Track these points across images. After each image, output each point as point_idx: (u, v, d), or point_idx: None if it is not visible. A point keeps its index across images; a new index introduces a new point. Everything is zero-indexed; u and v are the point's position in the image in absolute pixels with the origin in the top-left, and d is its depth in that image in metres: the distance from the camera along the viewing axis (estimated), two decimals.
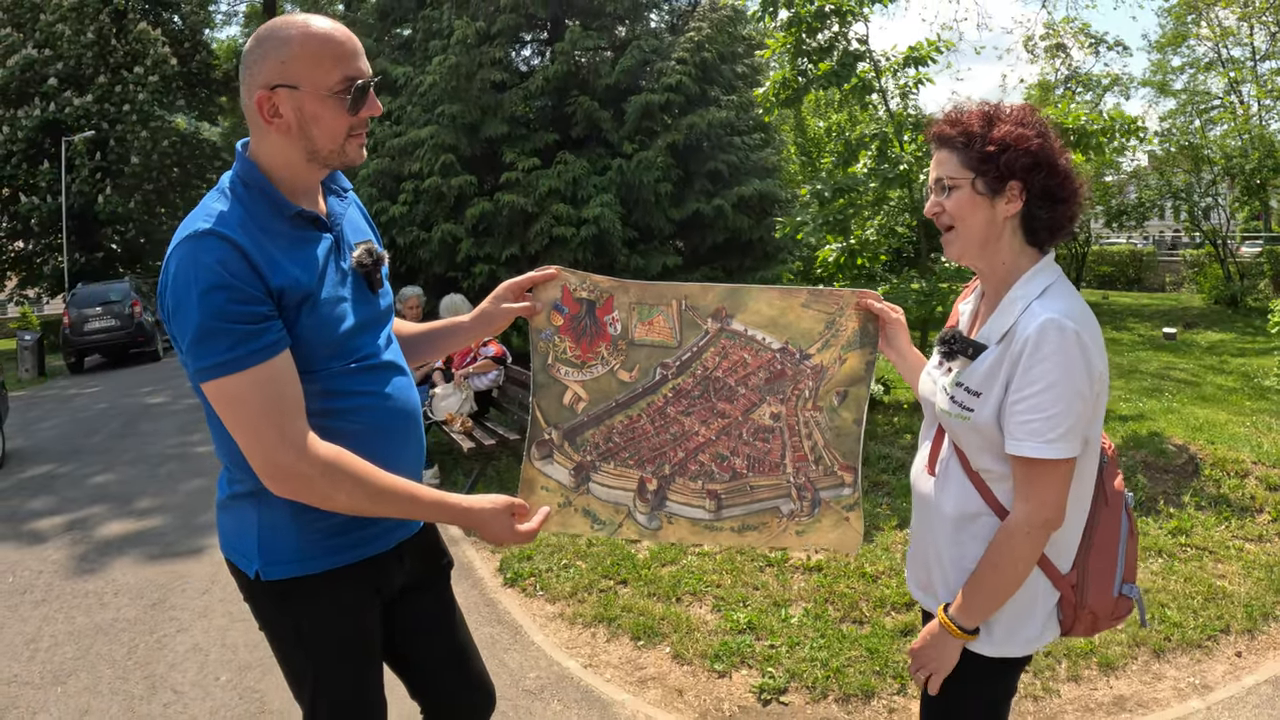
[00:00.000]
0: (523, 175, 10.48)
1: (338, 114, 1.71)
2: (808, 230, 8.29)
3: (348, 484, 1.68)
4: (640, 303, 2.19)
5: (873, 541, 5.05)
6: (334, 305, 1.77)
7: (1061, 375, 1.62)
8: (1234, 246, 25.42)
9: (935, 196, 1.81)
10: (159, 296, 1.73)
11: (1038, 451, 1.63)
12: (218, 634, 4.60)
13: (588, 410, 2.17)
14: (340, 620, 1.87)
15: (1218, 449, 5.93)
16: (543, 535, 5.52)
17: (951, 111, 1.82)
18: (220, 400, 1.64)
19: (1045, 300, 1.70)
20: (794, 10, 7.77)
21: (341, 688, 1.90)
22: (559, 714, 3.58)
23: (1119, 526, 1.81)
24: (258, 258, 1.64)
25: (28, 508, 7.50)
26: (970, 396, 1.75)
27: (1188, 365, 11.22)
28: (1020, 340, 1.66)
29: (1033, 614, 1.78)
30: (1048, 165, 1.72)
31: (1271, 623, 3.97)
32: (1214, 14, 29.84)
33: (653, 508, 2.16)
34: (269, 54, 1.68)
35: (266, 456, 1.64)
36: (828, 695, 3.57)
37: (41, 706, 3.94)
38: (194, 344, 1.61)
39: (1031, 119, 1.76)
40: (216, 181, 5.87)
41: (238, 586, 1.92)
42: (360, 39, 7.69)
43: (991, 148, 1.71)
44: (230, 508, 1.86)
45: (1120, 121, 6.88)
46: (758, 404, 2.17)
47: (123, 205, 25.84)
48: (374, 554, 1.89)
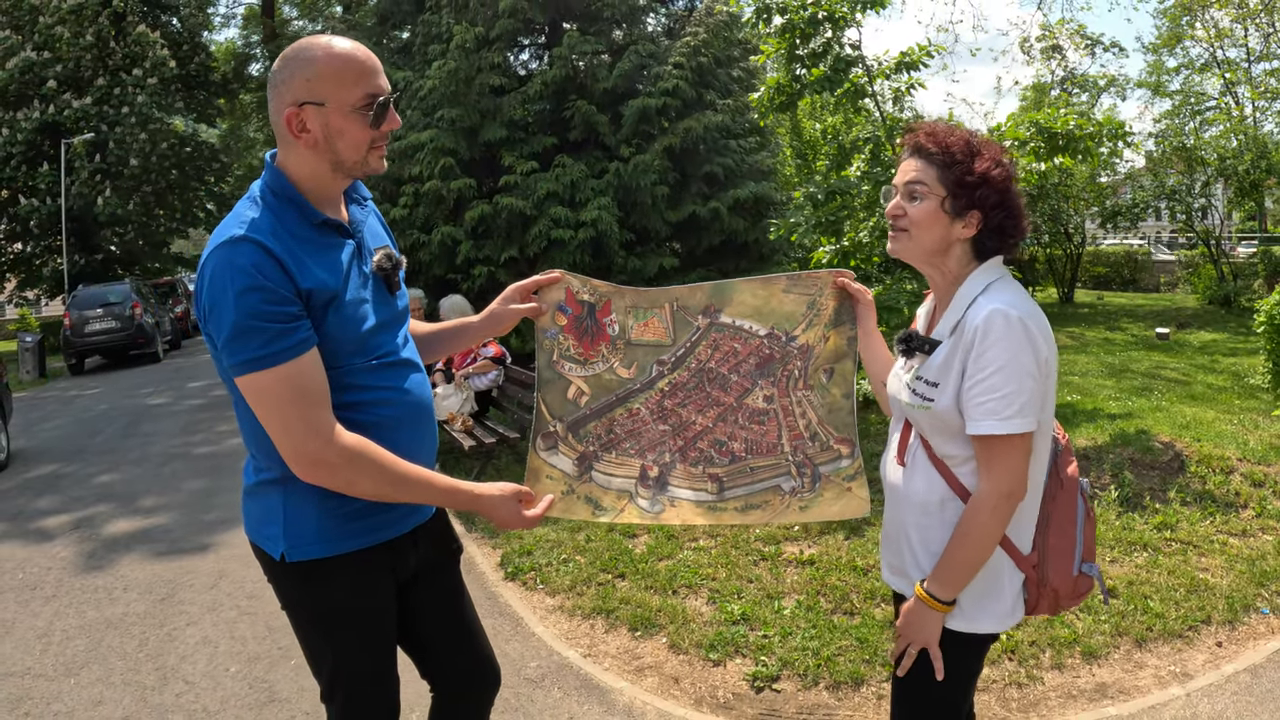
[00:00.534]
0: (521, 178, 10.59)
1: (361, 128, 1.84)
2: (801, 232, 8.41)
3: (371, 471, 1.81)
4: (636, 306, 2.33)
5: (864, 536, 5.17)
6: (357, 306, 1.90)
7: (1010, 358, 1.77)
8: (1229, 247, 25.58)
9: (900, 199, 1.95)
10: (195, 298, 1.85)
11: (996, 429, 1.77)
12: (226, 627, 4.71)
13: (590, 404, 2.30)
14: (359, 600, 1.98)
15: (1204, 446, 6.05)
16: (542, 531, 5.66)
17: (934, 127, 1.96)
18: (253, 393, 1.76)
19: (990, 294, 1.86)
20: (787, 17, 7.89)
21: (358, 665, 2.02)
22: (559, 701, 3.70)
23: (1075, 509, 1.94)
24: (288, 262, 1.76)
25: (34, 506, 7.62)
26: (929, 388, 1.89)
27: (1179, 364, 11.34)
28: (970, 330, 1.81)
29: (1000, 593, 1.91)
30: (1009, 207, 1.89)
31: (1252, 614, 4.08)
32: (1209, 15, 29.98)
33: (655, 493, 2.28)
34: (296, 73, 1.81)
35: (295, 445, 1.76)
36: (819, 683, 3.69)
37: (55, 697, 4.05)
38: (229, 341, 1.73)
39: (1005, 159, 1.92)
40: (214, 183, 5.99)
41: (262, 569, 2.04)
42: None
43: (971, 177, 1.87)
44: (257, 494, 1.97)
45: (1109, 126, 6.99)
46: (750, 389, 2.29)
47: (122, 207, 25.87)
48: (391, 538, 2.01)
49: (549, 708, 3.65)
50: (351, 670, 2.02)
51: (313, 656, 2.06)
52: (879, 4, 7.65)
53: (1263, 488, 5.44)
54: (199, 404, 13.20)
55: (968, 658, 1.97)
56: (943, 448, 1.93)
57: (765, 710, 3.54)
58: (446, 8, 11.43)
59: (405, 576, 2.10)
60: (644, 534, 5.55)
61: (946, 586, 1.86)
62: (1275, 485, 5.44)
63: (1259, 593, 4.26)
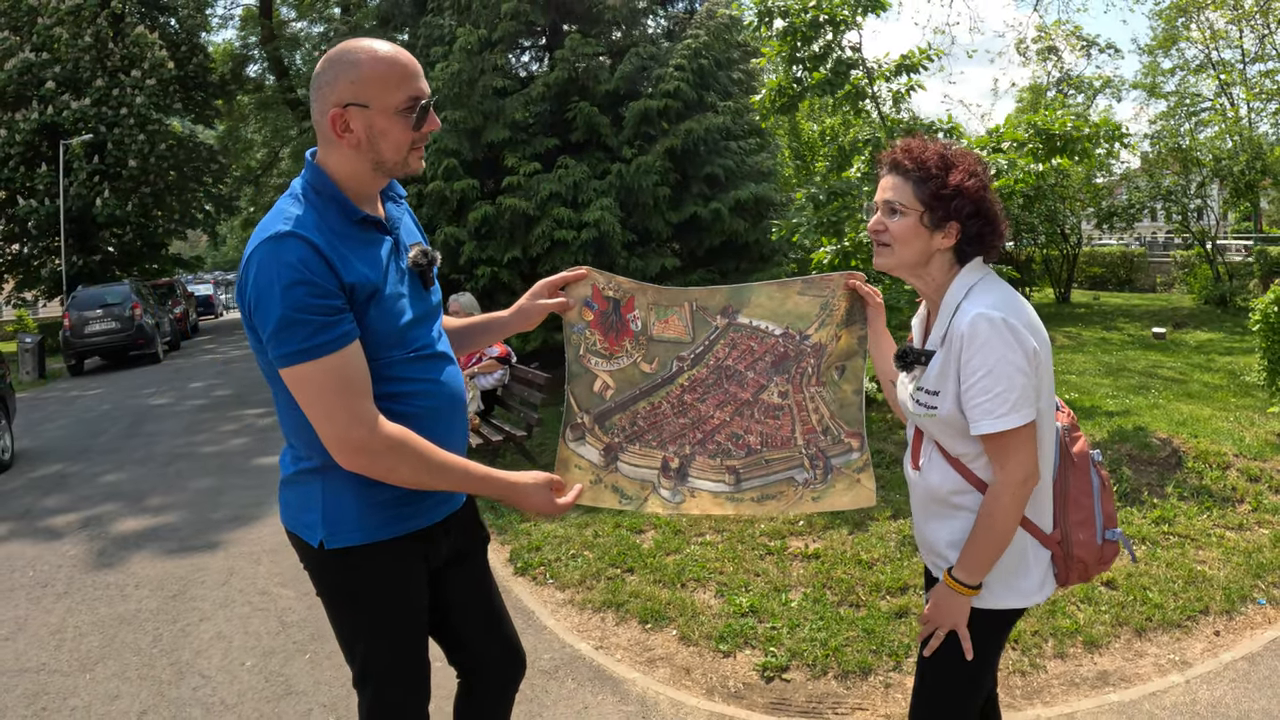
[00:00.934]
0: (524, 179, 10.64)
1: (403, 130, 1.91)
2: (803, 232, 8.49)
3: (411, 459, 1.88)
4: (656, 304, 2.42)
5: (867, 531, 5.25)
6: (396, 300, 1.97)
7: (997, 359, 1.86)
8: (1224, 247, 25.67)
9: (881, 216, 2.05)
10: (238, 292, 1.91)
11: (995, 426, 1.87)
12: (240, 622, 4.77)
13: (615, 397, 2.39)
14: (394, 586, 2.05)
15: (1200, 442, 6.13)
16: (550, 527, 5.74)
17: (908, 144, 2.06)
18: (298, 384, 1.83)
19: (972, 298, 1.96)
20: (789, 20, 7.97)
21: (392, 650, 2.08)
22: (573, 692, 3.77)
23: (1089, 482, 2.05)
24: (332, 257, 1.83)
25: (41, 505, 7.67)
26: (930, 396, 2.00)
27: (1175, 363, 11.42)
28: (957, 338, 1.92)
29: (1027, 571, 2.01)
30: (985, 215, 1.99)
31: (1249, 605, 4.17)
32: (1205, 17, 30.10)
33: (676, 483, 2.37)
34: (340, 75, 1.88)
35: (339, 434, 1.83)
36: (827, 672, 3.77)
37: (72, 692, 4.09)
38: (275, 333, 1.80)
39: (979, 169, 2.01)
40: (212, 184, 6.10)
41: (298, 556, 2.11)
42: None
43: (946, 191, 1.96)
44: (296, 483, 2.04)
45: (1105, 127, 7.08)
46: (766, 385, 2.38)
47: (120, 208, 25.90)
48: (425, 526, 2.08)
49: (564, 698, 3.73)
50: (385, 655, 2.08)
51: (346, 643, 2.12)
52: (879, 6, 7.73)
53: (1259, 483, 5.53)
54: (201, 404, 13.24)
55: (994, 635, 2.07)
56: (955, 447, 2.02)
57: (776, 699, 3.62)
58: (449, 10, 11.48)
59: (437, 564, 2.17)
60: (650, 529, 5.63)
61: (972, 572, 1.96)
62: (1271, 480, 5.53)
63: (1255, 584, 4.35)
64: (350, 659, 2.13)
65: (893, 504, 5.61)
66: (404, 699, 2.12)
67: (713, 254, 11.89)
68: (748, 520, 5.55)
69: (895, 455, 6.61)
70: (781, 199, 12.50)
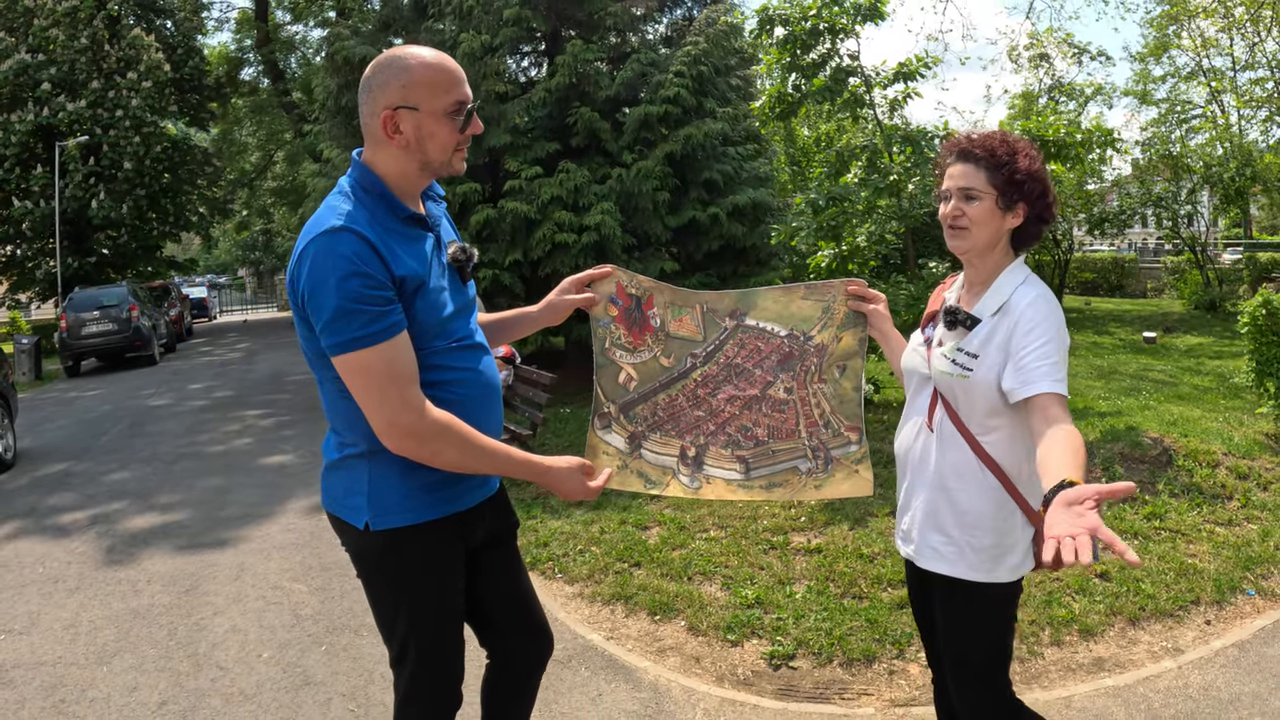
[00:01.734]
0: (525, 183, 10.74)
1: (450, 131, 2.03)
2: (802, 236, 8.63)
3: (456, 442, 2.00)
4: (672, 303, 2.59)
5: (867, 527, 5.38)
6: (439, 293, 2.09)
7: (1056, 333, 2.05)
8: (1215, 253, 25.91)
9: (957, 202, 2.18)
10: (290, 285, 2.01)
11: (1056, 388, 2.00)
12: (254, 616, 4.85)
13: (638, 389, 2.54)
14: (434, 566, 2.16)
15: (1190, 441, 6.28)
16: (556, 524, 5.86)
17: (973, 134, 2.22)
18: (351, 371, 1.93)
19: (1029, 285, 2.15)
20: (789, 28, 8.11)
21: (430, 629, 2.18)
22: (587, 680, 3.89)
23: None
24: (384, 251, 1.94)
25: (47, 504, 7.72)
26: (970, 359, 2.13)
27: (1166, 367, 11.58)
28: (1018, 310, 2.09)
29: (1015, 547, 2.15)
30: (1049, 195, 2.17)
31: (1239, 595, 4.33)
32: (1195, 25, 30.37)
33: (693, 470, 2.53)
34: (391, 80, 1.99)
35: (390, 418, 1.94)
36: (833, 660, 3.90)
37: (90, 684, 4.16)
38: (331, 322, 1.90)
39: (1035, 151, 2.18)
40: (206, 187, 6.30)
41: (340, 540, 2.22)
42: (360, 49, 8.06)
43: (1020, 175, 2.12)
44: (341, 468, 2.14)
45: (1098, 134, 7.23)
46: (772, 382, 2.54)
47: (115, 210, 25.90)
48: (465, 509, 2.19)
49: (578, 686, 3.84)
50: (424, 635, 2.17)
51: (386, 622, 2.22)
52: (878, 15, 7.87)
53: (1247, 480, 5.68)
54: (202, 405, 13.30)
55: (1008, 603, 2.21)
56: (971, 417, 2.15)
57: (784, 686, 3.74)
58: (450, 16, 11.59)
59: (474, 545, 2.28)
60: (655, 525, 5.75)
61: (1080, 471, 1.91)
62: (1259, 478, 5.68)
63: (1245, 576, 4.50)
64: (388, 638, 2.22)
65: (891, 501, 5.71)
66: (441, 676, 2.22)
67: (711, 258, 12.01)
68: (751, 515, 5.67)
69: (893, 454, 6.72)
70: (778, 204, 12.63)
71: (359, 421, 2.02)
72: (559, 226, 10.50)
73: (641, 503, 6.13)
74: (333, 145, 12.66)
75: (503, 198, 10.78)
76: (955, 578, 2.19)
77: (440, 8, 11.73)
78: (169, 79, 27.58)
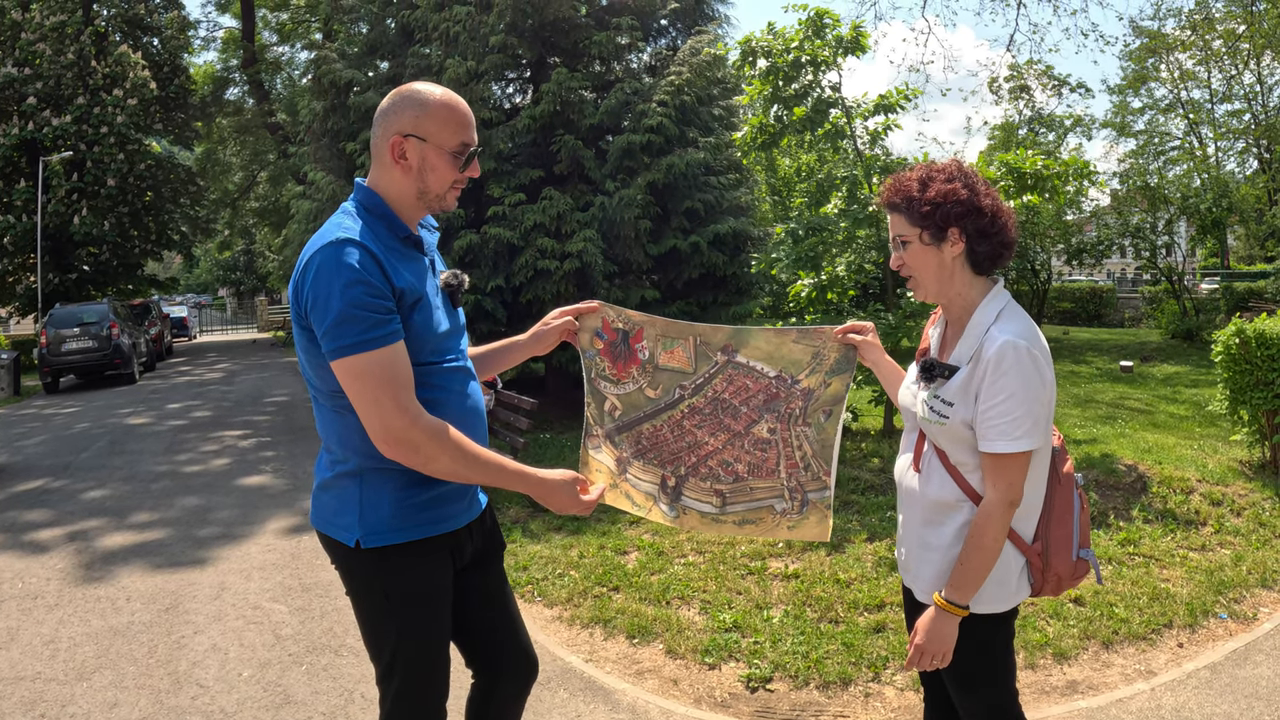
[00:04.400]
0: (508, 209, 10.79)
1: (450, 168, 2.15)
2: (782, 266, 8.72)
3: (450, 449, 2.04)
4: (665, 335, 2.65)
5: (844, 553, 5.43)
6: (434, 310, 2.17)
7: (1020, 385, 2.02)
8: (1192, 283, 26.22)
9: (896, 252, 2.23)
10: (293, 295, 2.09)
11: (1006, 448, 2.02)
12: (234, 635, 4.85)
13: (622, 417, 2.62)
14: (424, 584, 2.19)
15: (1165, 468, 6.38)
16: (535, 548, 5.88)
17: (894, 179, 2.25)
18: (350, 375, 1.99)
19: (1001, 324, 2.11)
20: (772, 60, 8.23)
21: (418, 646, 2.20)
22: (566, 702, 3.91)
23: (1072, 502, 2.22)
24: (385, 263, 2.02)
25: (25, 520, 7.67)
26: (945, 406, 2.15)
27: (1142, 395, 11.71)
28: (985, 361, 2.06)
29: (1007, 578, 2.17)
30: (976, 210, 2.14)
31: (1211, 619, 4.40)
32: (1174, 58, 30.89)
33: (672, 500, 2.58)
34: (407, 109, 2.11)
35: (384, 422, 1.99)
36: (809, 683, 3.94)
37: (69, 700, 4.14)
38: (333, 327, 1.97)
39: (959, 173, 2.18)
40: (189, 206, 6.56)
41: (330, 558, 2.25)
42: (346, 72, 8.17)
43: (928, 207, 2.14)
44: (333, 486, 2.18)
45: (1074, 166, 7.36)
46: (757, 420, 2.59)
47: (97, 226, 25.81)
48: (453, 529, 2.23)
49: (557, 707, 3.86)
50: (410, 651, 2.20)
51: (374, 640, 2.24)
52: (859, 49, 8.01)
53: (1221, 506, 5.78)
54: (181, 424, 13.24)
55: (1002, 629, 2.23)
56: (955, 455, 2.18)
57: (761, 708, 3.78)
58: (436, 41, 11.67)
59: (462, 565, 2.31)
60: (634, 550, 5.79)
61: (964, 591, 2.10)
62: (1233, 504, 5.78)
63: (1217, 600, 4.58)
64: (376, 656, 2.24)
65: (868, 527, 5.80)
66: (427, 695, 2.25)
67: (691, 286, 12.09)
68: (729, 542, 5.71)
69: (870, 482, 6.81)
70: (759, 233, 12.74)
71: (352, 438, 2.08)
72: (541, 253, 10.56)
73: (620, 528, 6.17)
74: (317, 167, 12.69)
75: (486, 223, 10.83)
76: None
77: (427, 33, 11.81)
78: (154, 97, 27.57)
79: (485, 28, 11.21)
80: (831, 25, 8.29)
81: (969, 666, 2.23)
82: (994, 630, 2.21)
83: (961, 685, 2.27)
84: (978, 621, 2.17)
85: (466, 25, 11.24)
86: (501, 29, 11.15)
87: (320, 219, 11.82)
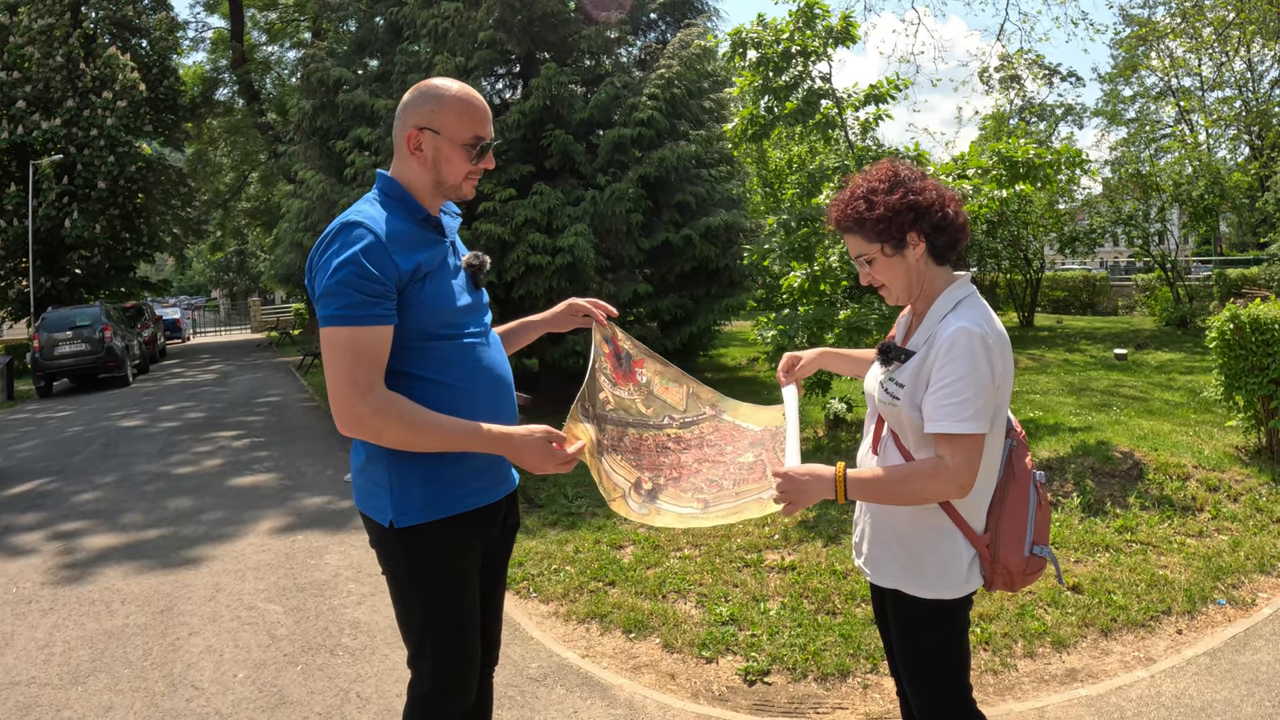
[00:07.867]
0: (499, 205, 10.76)
1: (463, 160, 2.24)
2: (774, 257, 8.69)
3: (396, 419, 2.04)
4: (662, 373, 2.77)
5: (841, 544, 5.42)
6: (449, 284, 2.23)
7: (969, 369, 2.03)
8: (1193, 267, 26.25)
9: (863, 270, 2.26)
10: (308, 264, 2.18)
11: (951, 428, 2.02)
12: (229, 636, 4.82)
13: (612, 413, 2.61)
14: (453, 560, 2.24)
15: (1161, 455, 6.37)
16: (530, 543, 5.85)
17: (836, 204, 2.27)
18: (325, 344, 2.07)
19: (958, 312, 2.14)
20: (762, 51, 8.20)
21: (447, 620, 2.25)
22: (563, 698, 3.89)
23: (1028, 497, 2.21)
24: (391, 247, 2.09)
25: (19, 523, 7.63)
26: (898, 388, 2.18)
27: (1136, 383, 11.71)
28: (938, 345, 2.09)
29: (958, 565, 2.17)
30: (924, 209, 2.16)
31: (1209, 605, 4.40)
32: (1164, 45, 30.90)
33: (644, 500, 2.54)
34: (424, 104, 2.21)
35: (336, 396, 2.05)
36: (807, 675, 3.93)
37: (64, 704, 4.12)
38: (321, 296, 2.07)
39: (897, 178, 2.19)
40: (180, 207, 6.69)
41: (368, 536, 2.31)
42: (335, 70, 8.21)
43: (882, 224, 2.16)
44: (366, 470, 2.25)
45: (1067, 155, 7.34)
46: (743, 453, 2.66)
47: (89, 230, 25.70)
48: (484, 504, 2.29)
49: (554, 703, 3.84)
50: (440, 626, 2.25)
51: (405, 616, 2.29)
52: (850, 39, 7.98)
53: (1217, 492, 5.77)
54: (174, 426, 13.19)
55: (956, 619, 2.23)
56: (907, 440, 2.20)
57: (759, 701, 3.76)
58: (425, 38, 11.63)
59: (490, 543, 2.38)
60: (630, 544, 5.77)
61: (859, 490, 2.06)
62: (1229, 490, 5.77)
63: (1216, 586, 4.57)
64: (406, 634, 2.30)
65: None
66: (458, 671, 2.29)
67: (683, 279, 12.07)
68: (725, 535, 5.70)
69: None
70: (750, 225, 12.72)
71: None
72: (533, 248, 10.53)
73: (615, 522, 6.15)
74: (307, 166, 12.64)
75: (477, 219, 10.79)
76: (902, 592, 2.23)
77: (415, 30, 11.77)
78: (144, 98, 27.48)
79: (474, 24, 11.17)
80: (821, 16, 8.26)
81: (921, 656, 2.25)
82: (946, 618, 2.21)
83: (913, 677, 2.29)
84: (930, 608, 2.19)
85: (455, 21, 11.20)
86: (490, 25, 11.11)
87: (311, 217, 11.79)
